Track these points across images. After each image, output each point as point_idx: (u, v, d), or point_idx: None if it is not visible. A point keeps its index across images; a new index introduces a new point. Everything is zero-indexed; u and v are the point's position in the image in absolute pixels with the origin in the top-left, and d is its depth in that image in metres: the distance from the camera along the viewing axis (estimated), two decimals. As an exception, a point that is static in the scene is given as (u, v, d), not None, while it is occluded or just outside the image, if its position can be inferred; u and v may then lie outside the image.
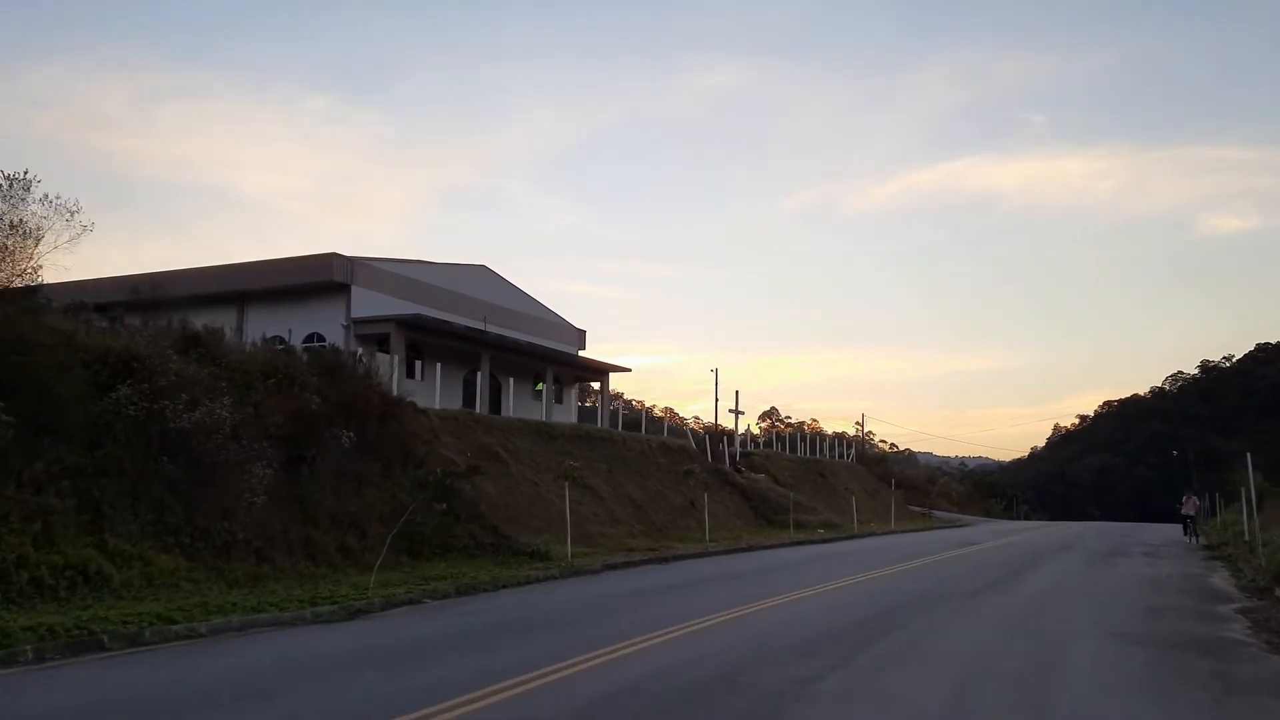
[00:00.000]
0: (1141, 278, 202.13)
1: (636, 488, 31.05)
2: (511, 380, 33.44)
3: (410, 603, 13.90)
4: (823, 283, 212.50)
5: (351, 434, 17.47)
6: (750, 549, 27.00)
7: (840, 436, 71.70)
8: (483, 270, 38.73)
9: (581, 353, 44.03)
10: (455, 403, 33.52)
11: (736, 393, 49.04)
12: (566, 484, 19.96)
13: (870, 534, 38.37)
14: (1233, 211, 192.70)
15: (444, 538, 19.57)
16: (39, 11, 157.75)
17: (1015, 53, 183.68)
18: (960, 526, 52.25)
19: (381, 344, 31.01)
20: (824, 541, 32.46)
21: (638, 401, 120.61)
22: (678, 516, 31.73)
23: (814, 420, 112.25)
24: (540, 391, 40.88)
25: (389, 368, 26.22)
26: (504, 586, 16.27)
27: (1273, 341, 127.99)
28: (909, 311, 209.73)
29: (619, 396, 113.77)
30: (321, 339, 31.28)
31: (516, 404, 37.47)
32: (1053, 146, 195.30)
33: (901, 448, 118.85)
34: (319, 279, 30.82)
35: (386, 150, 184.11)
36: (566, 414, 41.24)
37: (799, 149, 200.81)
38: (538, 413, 35.88)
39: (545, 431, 29.54)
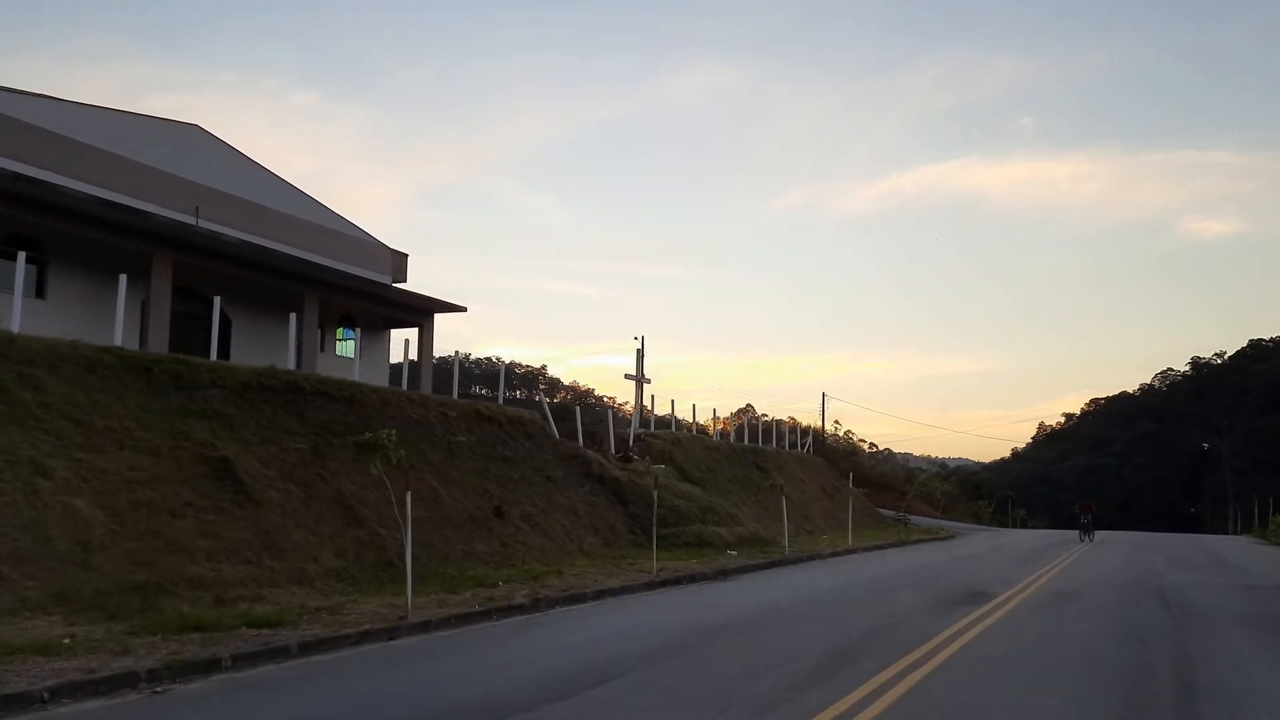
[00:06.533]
0: (1125, 281, 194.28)
1: (386, 491, 16.92)
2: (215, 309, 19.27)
3: None
4: (809, 284, 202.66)
5: None
6: (525, 608, 13.02)
7: (798, 426, 57.86)
8: (195, 134, 24.41)
9: (401, 285, 29.92)
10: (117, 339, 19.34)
11: (638, 352, 35.21)
12: None
13: (812, 557, 24.51)
14: (1216, 216, 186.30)
15: None
16: (18, 2, 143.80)
17: (1004, 56, 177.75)
18: (947, 538, 38.55)
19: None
20: (718, 577, 18.54)
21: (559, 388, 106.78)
22: (457, 535, 17.74)
23: (791, 418, 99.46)
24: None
25: None
26: None
27: (1266, 338, 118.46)
28: (895, 313, 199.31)
29: (598, 394, 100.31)
30: None
31: (260, 350, 23.33)
32: (1040, 149, 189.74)
33: (881, 447, 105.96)
34: None
35: (373, 146, 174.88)
36: (370, 372, 27.04)
37: (787, 150, 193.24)
38: (343, 369, 21.37)
39: (174, 378, 15.42)
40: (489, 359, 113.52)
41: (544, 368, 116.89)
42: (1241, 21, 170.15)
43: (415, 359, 29.77)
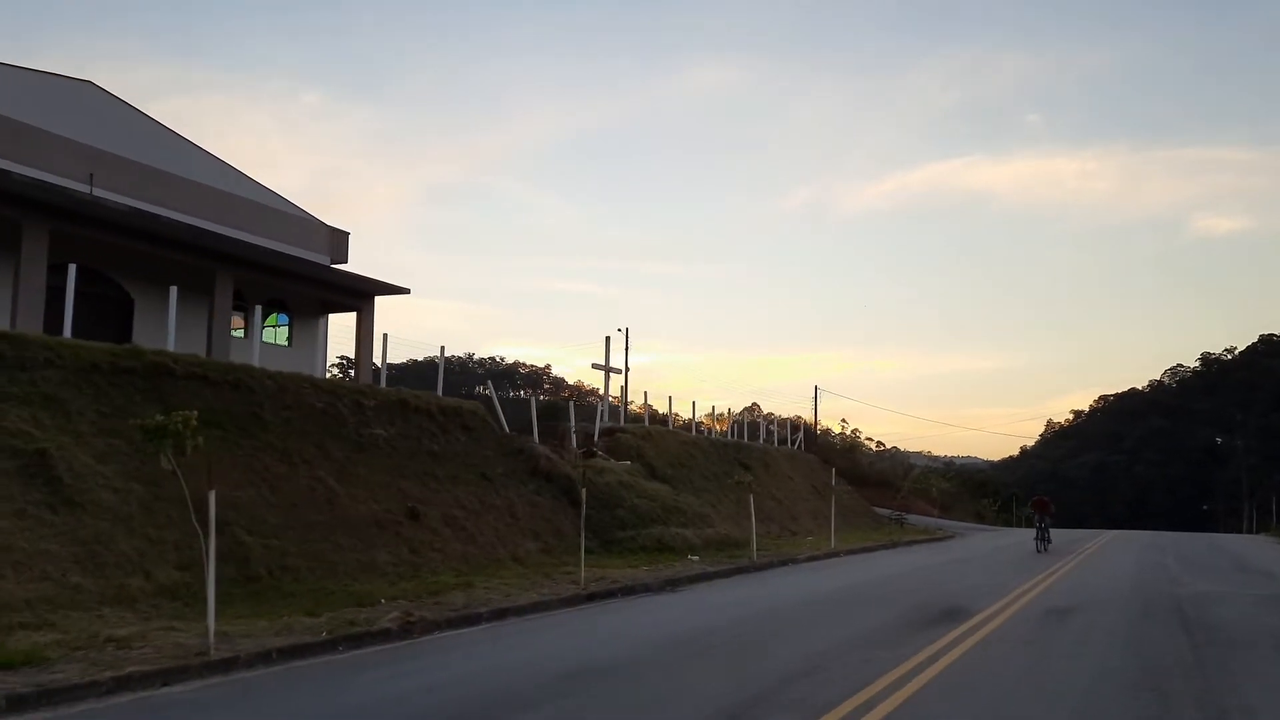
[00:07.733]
0: (1134, 278, 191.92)
1: (265, 489, 14.47)
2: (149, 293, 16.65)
3: None
4: (815, 282, 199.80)
5: None
6: (390, 635, 10.48)
7: (789, 421, 55.18)
8: (89, 92, 21.91)
9: (342, 266, 27.40)
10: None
11: (607, 339, 32.79)
12: None
13: (785, 561, 21.98)
14: (1224, 213, 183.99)
15: None
16: (27, 4, 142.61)
17: (1011, 53, 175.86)
18: (944, 539, 35.99)
19: None
20: (663, 588, 15.99)
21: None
22: (354, 543, 15.20)
23: (797, 417, 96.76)
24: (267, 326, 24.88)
25: None
26: None
27: (1277, 333, 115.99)
28: (903, 311, 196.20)
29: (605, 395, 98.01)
30: None
31: (167, 334, 20.65)
32: (1047, 147, 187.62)
33: (889, 445, 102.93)
34: None
35: (380, 146, 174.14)
36: (300, 360, 24.60)
37: (793, 148, 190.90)
38: (270, 357, 18.71)
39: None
40: (493, 358, 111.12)
41: (548, 367, 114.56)
42: (1249, 17, 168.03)
43: (397, 350, 27.30)
